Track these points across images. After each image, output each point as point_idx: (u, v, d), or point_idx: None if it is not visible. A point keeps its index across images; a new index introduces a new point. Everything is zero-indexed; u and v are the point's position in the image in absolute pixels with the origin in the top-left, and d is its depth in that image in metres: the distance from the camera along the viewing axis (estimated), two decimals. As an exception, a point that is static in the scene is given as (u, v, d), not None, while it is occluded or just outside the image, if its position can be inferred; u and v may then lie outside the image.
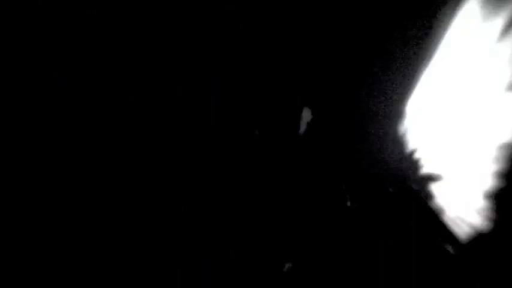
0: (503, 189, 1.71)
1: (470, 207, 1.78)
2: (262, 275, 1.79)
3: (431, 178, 1.95)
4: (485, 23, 1.74)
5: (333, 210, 1.89)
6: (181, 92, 2.06)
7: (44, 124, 1.94)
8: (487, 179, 1.76)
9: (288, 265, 1.80)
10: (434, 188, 1.95)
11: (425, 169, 1.97)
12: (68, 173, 1.90)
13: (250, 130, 2.03)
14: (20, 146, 1.89)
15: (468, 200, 1.80)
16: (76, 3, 1.99)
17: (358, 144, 1.94)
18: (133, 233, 1.85)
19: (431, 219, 1.89)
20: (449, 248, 1.80)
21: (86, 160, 1.93)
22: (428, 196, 1.93)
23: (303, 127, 2.04)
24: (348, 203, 1.88)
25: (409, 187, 1.95)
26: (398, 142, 1.96)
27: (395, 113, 1.97)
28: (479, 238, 1.74)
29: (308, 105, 2.05)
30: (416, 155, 1.98)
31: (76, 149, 1.94)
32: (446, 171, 1.92)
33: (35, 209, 1.84)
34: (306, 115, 2.05)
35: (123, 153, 1.97)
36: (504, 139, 1.71)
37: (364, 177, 1.95)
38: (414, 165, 1.98)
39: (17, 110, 1.92)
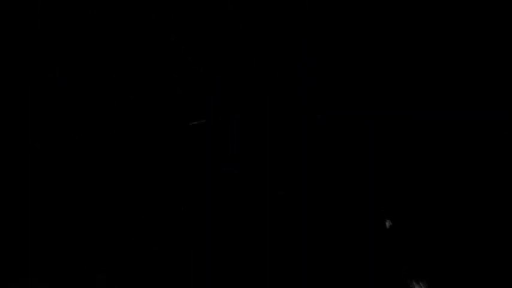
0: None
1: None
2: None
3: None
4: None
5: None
6: (181, 92, 2.06)
7: (44, 124, 1.94)
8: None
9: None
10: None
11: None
12: (68, 173, 1.90)
13: (249, 130, 2.03)
14: (20, 146, 1.89)
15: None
16: (76, 3, 1.99)
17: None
18: (134, 233, 1.85)
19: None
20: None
21: (86, 160, 1.93)
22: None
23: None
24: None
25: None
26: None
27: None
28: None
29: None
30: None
31: (76, 149, 1.94)
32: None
33: (35, 209, 1.84)
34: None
35: (123, 153, 1.97)
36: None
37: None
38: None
39: (17, 110, 1.92)
